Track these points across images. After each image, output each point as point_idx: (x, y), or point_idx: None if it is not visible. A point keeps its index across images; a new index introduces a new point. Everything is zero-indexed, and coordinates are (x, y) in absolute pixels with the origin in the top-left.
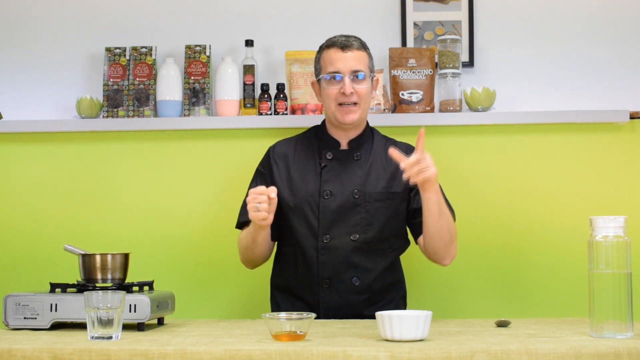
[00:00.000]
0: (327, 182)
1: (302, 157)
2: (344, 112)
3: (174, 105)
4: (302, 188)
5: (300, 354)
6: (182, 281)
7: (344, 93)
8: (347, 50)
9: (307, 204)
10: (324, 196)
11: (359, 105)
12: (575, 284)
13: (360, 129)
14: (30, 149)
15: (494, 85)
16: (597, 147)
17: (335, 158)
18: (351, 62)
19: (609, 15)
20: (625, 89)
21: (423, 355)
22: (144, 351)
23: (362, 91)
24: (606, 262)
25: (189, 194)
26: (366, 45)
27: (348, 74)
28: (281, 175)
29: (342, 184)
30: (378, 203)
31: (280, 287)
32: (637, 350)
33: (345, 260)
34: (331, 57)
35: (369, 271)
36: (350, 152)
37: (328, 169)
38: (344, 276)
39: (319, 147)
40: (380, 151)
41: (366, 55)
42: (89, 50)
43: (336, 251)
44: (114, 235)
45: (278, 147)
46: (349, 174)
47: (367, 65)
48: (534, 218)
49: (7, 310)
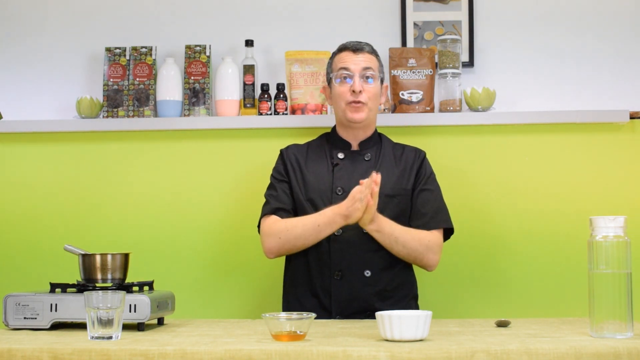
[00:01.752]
0: (340, 179)
1: (314, 159)
2: (353, 110)
3: (174, 105)
4: (315, 185)
5: (300, 354)
6: (182, 281)
7: (354, 91)
8: (359, 53)
9: (321, 199)
10: (337, 192)
11: (367, 104)
12: (575, 284)
13: (370, 131)
14: (30, 149)
15: (494, 85)
16: (597, 147)
17: (347, 158)
18: (362, 63)
19: (609, 15)
20: (625, 89)
21: (423, 355)
22: (144, 351)
23: (371, 90)
24: (606, 262)
25: (189, 194)
26: (377, 53)
27: (358, 73)
28: (295, 173)
29: (353, 181)
30: (388, 199)
31: (293, 281)
32: (637, 350)
33: (357, 252)
34: (343, 58)
35: (380, 264)
36: (361, 152)
37: (340, 167)
38: (355, 268)
39: (330, 149)
40: (389, 153)
41: (376, 60)
42: (89, 50)
43: (348, 244)
44: (114, 235)
45: (291, 150)
46: (360, 172)
47: (377, 68)
48: (534, 218)
49: (7, 310)
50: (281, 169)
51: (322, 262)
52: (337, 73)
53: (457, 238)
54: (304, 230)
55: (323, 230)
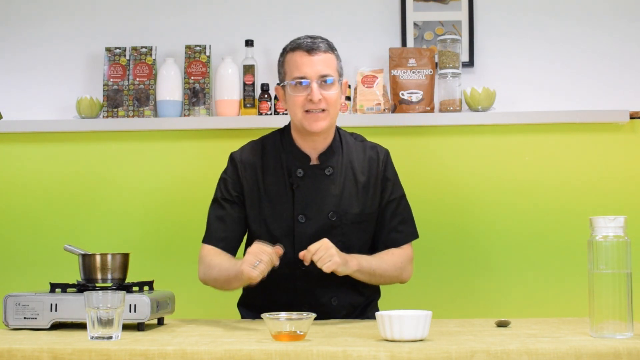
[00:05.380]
0: (301, 204)
1: (270, 171)
2: (311, 120)
3: (174, 105)
4: (275, 216)
5: (300, 354)
6: (182, 281)
7: (312, 100)
8: (314, 53)
9: (282, 232)
10: (299, 219)
11: (328, 112)
12: (575, 284)
13: (329, 139)
14: (30, 149)
15: (494, 85)
16: (597, 147)
17: (307, 175)
18: (318, 66)
19: (609, 15)
20: (625, 89)
21: (423, 355)
22: (144, 351)
23: (330, 97)
24: (606, 262)
25: (189, 194)
26: (334, 47)
27: (315, 79)
28: (252, 199)
29: (317, 205)
30: (354, 225)
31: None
32: (637, 350)
33: (323, 283)
34: (297, 61)
35: (346, 287)
36: (322, 167)
37: (301, 190)
38: (322, 299)
39: (287, 160)
40: (352, 160)
41: (334, 57)
42: (89, 50)
43: (314, 276)
44: (114, 235)
45: (245, 156)
46: (323, 193)
47: (336, 68)
48: (534, 218)
49: (7, 310)
50: (232, 185)
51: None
52: (291, 77)
53: (457, 238)
54: (219, 276)
55: (232, 283)
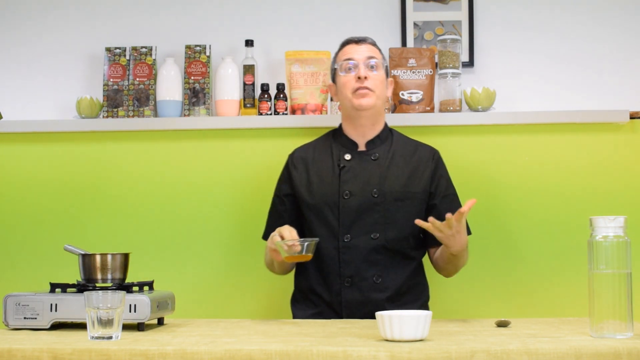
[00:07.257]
0: (347, 183)
1: (320, 160)
2: (359, 96)
3: (174, 105)
4: (321, 189)
5: (300, 354)
6: (182, 281)
7: (359, 77)
8: (362, 43)
9: (327, 205)
10: (344, 196)
11: (375, 92)
12: (575, 284)
13: (378, 127)
14: (30, 149)
15: (494, 85)
16: (597, 147)
17: (354, 159)
18: (365, 52)
19: (609, 15)
20: (625, 89)
21: (423, 355)
22: (144, 351)
23: (377, 78)
24: (606, 262)
25: (189, 194)
26: (379, 47)
27: (362, 62)
28: (301, 178)
29: (361, 184)
30: (397, 202)
31: (302, 287)
32: (637, 350)
33: (366, 258)
34: (346, 51)
35: (390, 269)
36: (368, 152)
37: (347, 170)
38: (365, 274)
39: (336, 149)
40: (399, 151)
41: (379, 52)
42: (89, 50)
43: (357, 250)
44: (114, 235)
45: (297, 153)
46: (368, 174)
47: (381, 59)
48: (534, 218)
49: (7, 310)
50: (283, 181)
51: (332, 270)
52: (341, 64)
53: None
54: (267, 261)
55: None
